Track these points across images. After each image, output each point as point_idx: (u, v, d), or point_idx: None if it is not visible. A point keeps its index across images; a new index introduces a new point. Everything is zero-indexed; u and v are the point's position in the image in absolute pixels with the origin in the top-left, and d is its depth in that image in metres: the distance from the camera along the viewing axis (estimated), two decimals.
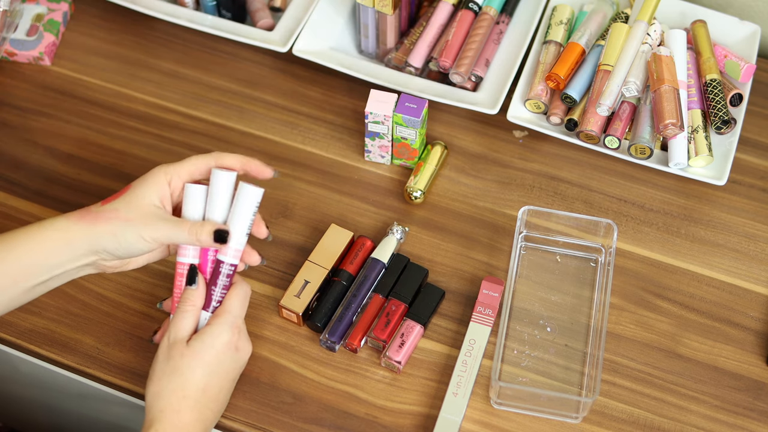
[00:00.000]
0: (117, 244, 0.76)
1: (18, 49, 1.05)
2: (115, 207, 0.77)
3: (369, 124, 0.94)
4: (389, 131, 0.94)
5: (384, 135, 0.95)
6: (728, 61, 0.99)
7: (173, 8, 1.06)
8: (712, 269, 0.93)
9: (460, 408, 0.83)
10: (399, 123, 0.93)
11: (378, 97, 0.93)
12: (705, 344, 0.88)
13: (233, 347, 0.77)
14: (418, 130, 0.93)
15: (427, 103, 0.93)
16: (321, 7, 1.05)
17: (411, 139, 0.94)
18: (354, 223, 0.95)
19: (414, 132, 0.93)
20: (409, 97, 0.93)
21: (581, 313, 0.89)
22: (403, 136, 0.94)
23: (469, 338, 0.86)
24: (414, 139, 0.94)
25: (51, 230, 0.76)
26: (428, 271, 0.90)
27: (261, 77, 1.06)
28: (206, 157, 0.80)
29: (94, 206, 0.77)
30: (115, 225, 0.76)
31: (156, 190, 0.78)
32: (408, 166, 0.98)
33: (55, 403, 1.06)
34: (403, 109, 0.92)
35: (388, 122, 0.93)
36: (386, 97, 0.93)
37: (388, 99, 0.93)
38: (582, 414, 0.83)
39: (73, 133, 1.01)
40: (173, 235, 0.77)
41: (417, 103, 0.92)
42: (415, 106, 0.92)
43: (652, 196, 0.97)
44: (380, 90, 0.94)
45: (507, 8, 1.04)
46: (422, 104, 0.92)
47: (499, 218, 0.96)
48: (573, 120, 0.97)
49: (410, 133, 0.93)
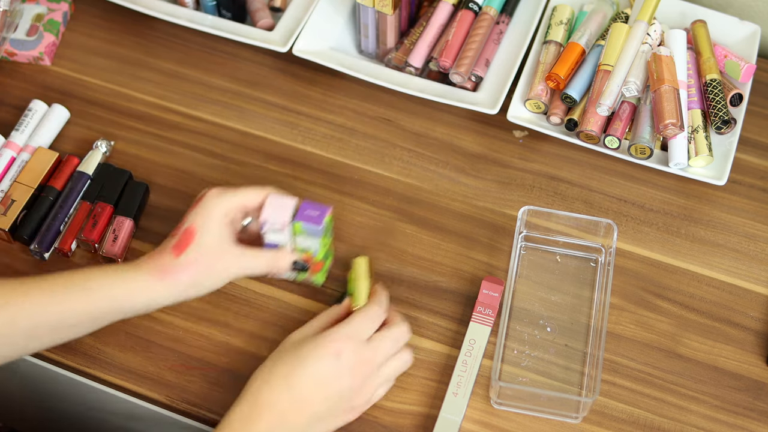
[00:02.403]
0: (198, 290, 0.80)
1: (18, 49, 1.05)
2: (192, 258, 0.78)
3: (266, 234, 0.83)
4: (289, 240, 0.84)
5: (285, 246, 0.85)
6: (728, 61, 0.99)
7: (173, 8, 1.06)
8: (712, 269, 0.93)
9: (460, 408, 0.83)
10: (299, 233, 0.83)
11: (275, 202, 0.82)
12: (705, 344, 0.88)
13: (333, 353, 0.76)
14: (321, 239, 0.83)
15: (330, 210, 0.83)
16: (321, 7, 1.05)
17: (313, 250, 0.84)
18: (354, 223, 0.95)
19: (316, 242, 0.84)
20: (310, 204, 0.83)
21: (581, 313, 0.89)
22: (304, 248, 0.85)
23: (469, 338, 0.86)
24: (317, 249, 0.84)
25: (134, 286, 0.78)
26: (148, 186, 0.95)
27: (261, 77, 1.06)
28: (258, 191, 0.82)
29: (167, 257, 0.78)
30: (196, 276, 0.79)
31: (219, 226, 0.80)
32: (312, 283, 0.89)
33: (55, 403, 1.06)
34: (303, 217, 0.82)
35: (286, 231, 0.83)
36: (284, 202, 0.82)
37: (286, 205, 0.82)
38: (582, 414, 0.83)
39: (73, 133, 1.01)
40: (254, 267, 0.81)
41: (319, 210, 0.83)
42: (317, 213, 0.82)
43: (652, 196, 0.97)
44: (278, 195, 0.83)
45: (507, 8, 1.04)
46: (325, 211, 0.83)
47: (499, 218, 0.96)
48: (573, 120, 0.97)
49: (312, 243, 0.84)
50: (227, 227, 0.81)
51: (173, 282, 0.78)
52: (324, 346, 0.76)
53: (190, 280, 0.79)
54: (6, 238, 0.92)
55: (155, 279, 0.78)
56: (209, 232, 0.79)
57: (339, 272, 0.91)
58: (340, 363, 0.76)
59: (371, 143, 1.01)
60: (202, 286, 0.80)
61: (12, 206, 0.92)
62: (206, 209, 0.80)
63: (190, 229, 0.79)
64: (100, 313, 0.78)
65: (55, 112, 1.00)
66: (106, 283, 0.78)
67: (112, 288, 0.78)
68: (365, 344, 0.78)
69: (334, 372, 0.76)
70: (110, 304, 0.78)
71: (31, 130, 0.99)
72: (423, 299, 0.90)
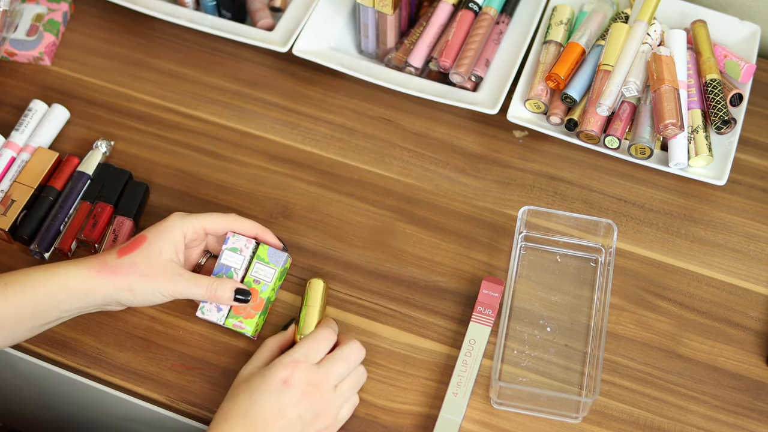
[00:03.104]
0: (133, 298, 0.80)
1: (18, 49, 1.05)
2: (132, 261, 0.79)
3: (225, 251, 0.82)
4: (242, 268, 0.83)
5: (235, 272, 0.83)
6: (728, 61, 0.99)
7: (173, 8, 1.06)
8: (712, 269, 0.93)
9: (460, 408, 0.83)
10: (261, 258, 0.83)
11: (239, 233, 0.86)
12: (705, 344, 0.88)
13: (280, 381, 0.76)
14: (277, 272, 0.84)
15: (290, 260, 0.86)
16: (321, 7, 1.05)
17: (264, 283, 0.84)
18: (354, 223, 0.95)
19: (272, 274, 0.83)
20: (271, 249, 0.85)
21: (581, 313, 0.89)
22: (256, 279, 0.84)
23: (469, 338, 0.86)
24: (268, 283, 0.84)
25: (68, 279, 0.78)
26: (148, 186, 0.95)
27: (261, 77, 1.06)
28: (224, 218, 0.83)
29: (110, 256, 0.79)
30: (132, 280, 0.78)
31: (173, 245, 0.80)
32: (243, 330, 0.84)
33: (54, 403, 1.06)
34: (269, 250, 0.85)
35: (246, 252, 0.83)
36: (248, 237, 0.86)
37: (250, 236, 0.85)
38: (582, 414, 0.83)
39: (73, 133, 1.01)
40: (190, 292, 0.81)
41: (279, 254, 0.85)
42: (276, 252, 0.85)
43: (652, 196, 0.97)
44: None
45: (507, 8, 1.04)
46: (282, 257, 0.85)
47: (499, 218, 0.96)
48: (573, 120, 0.97)
49: (268, 273, 0.83)
50: (180, 250, 0.81)
51: (108, 278, 0.78)
52: (270, 376, 0.77)
53: (125, 282, 0.78)
54: (6, 238, 0.92)
55: (93, 272, 0.78)
56: (158, 245, 0.79)
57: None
58: (290, 390, 0.76)
59: (371, 143, 1.01)
60: (136, 293, 0.79)
61: (12, 206, 0.92)
62: (165, 227, 0.81)
63: (142, 237, 0.80)
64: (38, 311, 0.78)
65: (55, 112, 1.00)
66: (44, 279, 0.78)
67: (48, 284, 0.78)
68: (315, 368, 0.78)
69: (286, 400, 0.76)
70: (45, 298, 0.78)
71: (31, 130, 0.99)
72: (423, 299, 0.90)
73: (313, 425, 0.78)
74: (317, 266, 0.92)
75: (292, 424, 0.76)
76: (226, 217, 0.84)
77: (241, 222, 0.85)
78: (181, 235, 0.81)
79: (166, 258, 0.80)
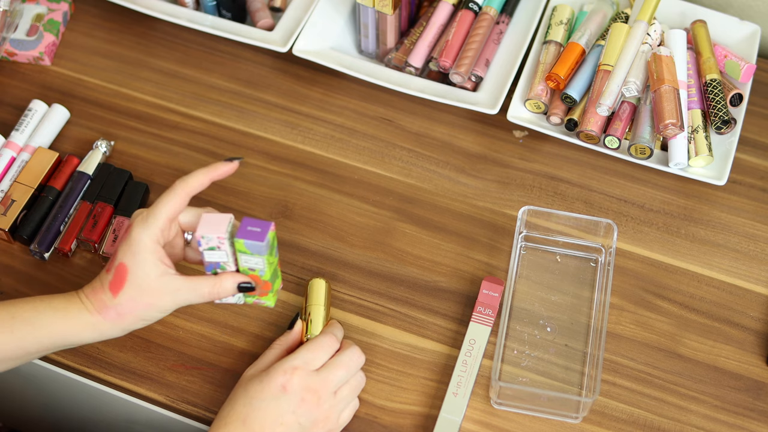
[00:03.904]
0: (145, 323, 0.78)
1: (18, 49, 1.05)
2: (129, 296, 0.76)
3: (204, 253, 0.78)
4: (229, 258, 0.78)
5: (225, 265, 0.79)
6: (728, 61, 0.99)
7: (173, 8, 1.06)
8: (712, 269, 0.93)
9: (460, 408, 0.83)
10: (242, 251, 0.77)
11: (209, 219, 0.78)
12: (705, 344, 0.88)
13: (279, 387, 0.76)
14: (266, 257, 0.78)
15: (273, 225, 0.78)
16: (321, 7, 1.05)
17: (259, 269, 0.79)
18: (354, 223, 0.95)
19: (261, 260, 0.78)
20: (251, 220, 0.77)
21: (581, 313, 0.89)
22: (250, 267, 0.79)
23: (469, 338, 0.86)
24: (263, 269, 0.79)
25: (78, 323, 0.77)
26: (148, 186, 0.96)
27: (261, 77, 1.06)
28: (175, 196, 0.77)
29: (106, 296, 0.76)
30: (139, 313, 0.77)
31: (154, 258, 0.76)
32: (264, 305, 0.83)
33: (54, 403, 1.06)
34: (245, 234, 0.77)
35: (224, 246, 0.77)
36: (219, 219, 0.78)
37: (221, 221, 0.78)
38: (582, 414, 0.83)
39: (72, 133, 1.01)
40: (195, 299, 0.78)
41: (261, 226, 0.77)
42: (258, 230, 0.77)
43: (652, 196, 0.97)
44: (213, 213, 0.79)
45: (507, 8, 1.04)
46: (267, 226, 0.77)
47: (499, 218, 0.96)
48: (573, 120, 0.97)
49: (257, 262, 0.78)
50: (162, 255, 0.77)
51: (116, 321, 0.77)
52: (269, 382, 0.76)
53: (134, 317, 0.77)
54: (6, 238, 0.92)
55: (100, 317, 0.77)
56: (141, 269, 0.76)
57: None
58: (288, 397, 0.76)
59: (371, 143, 1.01)
60: (148, 318, 0.78)
61: (12, 206, 0.92)
62: (134, 242, 0.76)
63: (122, 267, 0.76)
64: (43, 347, 0.78)
65: (55, 112, 1.00)
66: (53, 320, 0.76)
67: (58, 325, 0.77)
68: (314, 374, 0.78)
69: (285, 406, 0.76)
70: (55, 340, 0.77)
71: (31, 130, 0.99)
72: (423, 299, 0.90)
73: (312, 431, 0.78)
74: (317, 266, 0.92)
75: (290, 430, 0.76)
76: (175, 194, 0.77)
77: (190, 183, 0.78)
78: (154, 243, 0.76)
79: (157, 277, 0.76)
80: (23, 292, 0.90)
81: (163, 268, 0.76)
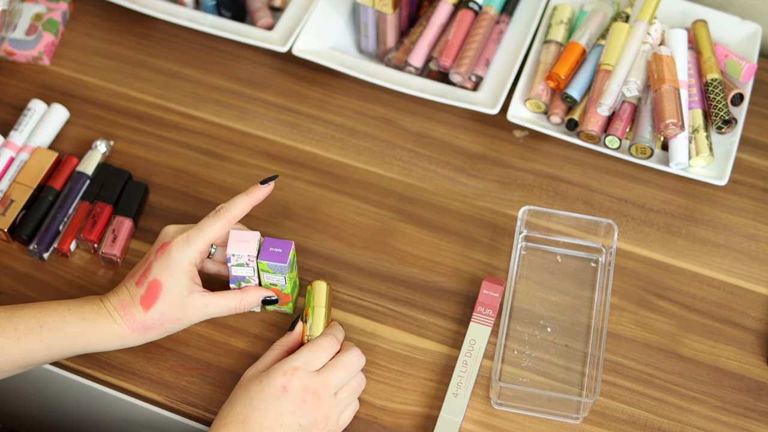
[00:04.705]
0: (167, 334, 0.83)
1: (17, 48, 1.05)
2: (161, 311, 0.80)
3: (232, 268, 0.83)
4: (255, 273, 0.83)
5: (251, 279, 0.84)
6: (729, 60, 0.99)
7: (173, 8, 1.06)
8: (713, 269, 0.93)
9: (461, 408, 0.82)
10: (265, 270, 0.83)
11: (238, 237, 0.82)
12: (706, 344, 0.88)
13: (279, 388, 0.76)
14: (287, 275, 0.83)
15: (293, 245, 0.82)
16: (321, 7, 1.05)
17: (281, 285, 0.84)
18: (354, 223, 0.95)
19: (283, 278, 0.83)
20: (272, 241, 0.82)
21: (582, 313, 0.89)
22: (272, 283, 0.84)
23: (469, 338, 0.86)
24: (284, 284, 0.84)
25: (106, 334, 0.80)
26: (147, 186, 0.95)
27: (261, 77, 1.06)
28: (219, 223, 0.81)
29: (136, 309, 0.80)
30: (168, 327, 0.82)
31: (188, 279, 0.81)
32: (283, 312, 0.88)
33: (54, 404, 1.05)
34: (268, 255, 0.81)
35: (252, 263, 0.82)
36: (247, 236, 0.82)
37: (250, 238, 0.82)
38: (582, 414, 0.83)
39: (72, 133, 1.01)
40: (222, 313, 0.83)
41: (282, 246, 0.82)
42: (280, 250, 0.82)
43: (653, 196, 0.97)
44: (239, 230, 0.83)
45: (507, 8, 1.04)
46: (288, 246, 0.82)
47: (499, 218, 0.96)
48: (573, 120, 0.96)
49: (279, 279, 0.83)
50: (195, 276, 0.82)
51: (144, 334, 0.81)
52: (269, 383, 0.77)
53: (161, 332, 0.82)
54: (5, 238, 0.92)
55: (128, 329, 0.80)
56: (176, 286, 0.80)
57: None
58: (288, 398, 0.76)
59: (371, 143, 1.01)
60: (173, 330, 0.82)
61: (11, 206, 0.92)
62: (172, 262, 0.80)
63: (156, 283, 0.80)
64: (67, 353, 0.80)
65: (54, 112, 1.00)
66: (81, 330, 0.79)
67: (86, 334, 0.79)
68: (315, 375, 0.78)
69: (284, 407, 0.76)
70: (80, 348, 0.80)
71: (30, 130, 0.99)
72: (423, 299, 0.90)
73: (313, 431, 0.78)
74: (317, 266, 0.92)
75: (290, 430, 0.76)
76: (219, 221, 0.81)
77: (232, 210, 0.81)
78: (192, 265, 0.81)
79: (188, 294, 0.80)
80: (22, 292, 0.90)
81: (194, 286, 0.81)
